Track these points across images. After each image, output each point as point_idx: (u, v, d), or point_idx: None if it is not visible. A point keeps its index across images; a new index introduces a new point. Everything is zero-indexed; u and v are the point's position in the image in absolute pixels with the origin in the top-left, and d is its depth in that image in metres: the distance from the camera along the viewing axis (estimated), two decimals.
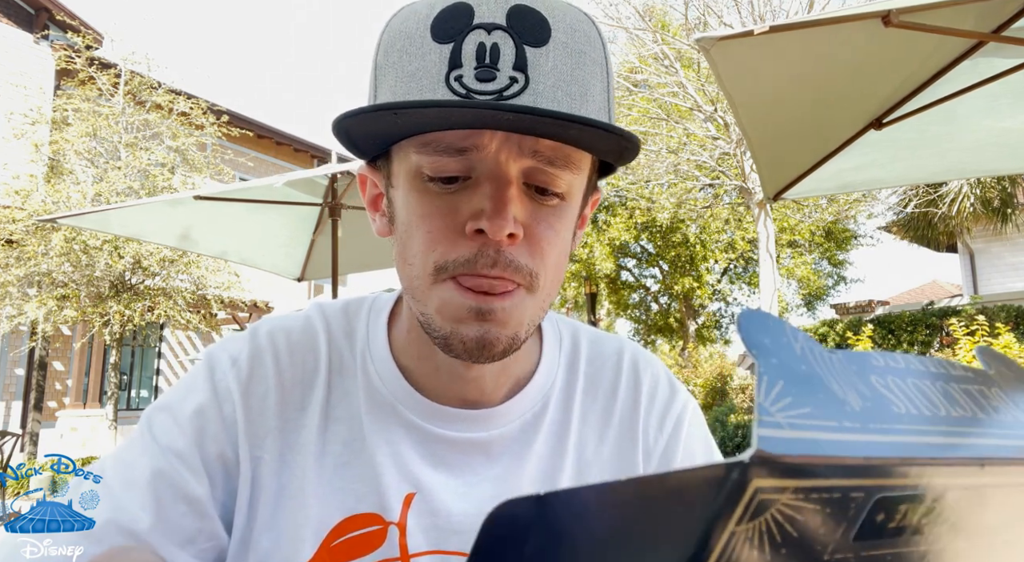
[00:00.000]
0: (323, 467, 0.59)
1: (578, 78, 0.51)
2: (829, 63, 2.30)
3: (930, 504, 0.25)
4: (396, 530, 0.57)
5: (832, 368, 0.24)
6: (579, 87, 0.51)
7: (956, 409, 0.28)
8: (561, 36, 0.51)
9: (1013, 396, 0.33)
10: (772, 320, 0.24)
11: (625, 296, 17.52)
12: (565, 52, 0.51)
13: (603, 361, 0.69)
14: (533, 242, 0.52)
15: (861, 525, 0.23)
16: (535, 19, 0.50)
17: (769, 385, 0.21)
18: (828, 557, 0.23)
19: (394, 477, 0.58)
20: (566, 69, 0.50)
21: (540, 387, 0.64)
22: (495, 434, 0.61)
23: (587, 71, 0.52)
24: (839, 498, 0.22)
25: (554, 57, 0.50)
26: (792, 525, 0.21)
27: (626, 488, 0.21)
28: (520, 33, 0.50)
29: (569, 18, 0.52)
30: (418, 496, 0.58)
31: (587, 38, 0.53)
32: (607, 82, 0.54)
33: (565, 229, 0.55)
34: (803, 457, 0.20)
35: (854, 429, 0.22)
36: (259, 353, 0.62)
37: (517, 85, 0.49)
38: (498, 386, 0.62)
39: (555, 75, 0.50)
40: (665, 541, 0.20)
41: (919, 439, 0.24)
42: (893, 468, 0.23)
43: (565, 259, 0.56)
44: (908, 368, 0.28)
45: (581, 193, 0.57)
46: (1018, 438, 0.29)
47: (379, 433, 0.60)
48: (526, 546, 0.22)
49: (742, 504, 0.19)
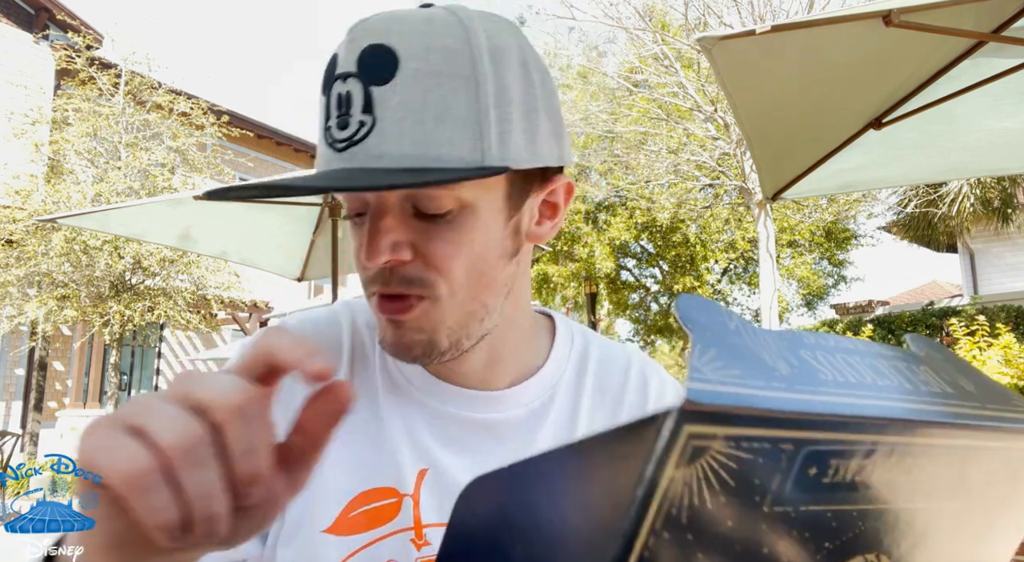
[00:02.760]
0: (344, 443, 0.62)
1: (432, 102, 0.51)
2: (829, 63, 2.30)
3: (860, 461, 0.27)
4: (411, 502, 0.61)
5: (764, 342, 0.26)
6: (434, 111, 0.51)
7: (882, 379, 0.30)
8: (412, 64, 0.51)
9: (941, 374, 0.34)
10: (708, 303, 0.26)
11: (625, 296, 17.52)
12: (415, 79, 0.51)
13: (612, 365, 0.72)
14: (427, 258, 0.55)
15: (796, 478, 0.25)
16: (382, 57, 0.51)
17: (702, 351, 0.23)
18: (768, 509, 0.24)
19: (408, 453, 0.62)
20: (417, 97, 0.51)
21: (548, 379, 0.68)
22: (501, 417, 0.64)
23: (446, 90, 0.51)
24: (769, 448, 0.23)
25: (402, 89, 0.51)
26: (728, 473, 0.22)
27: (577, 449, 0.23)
28: (367, 75, 0.52)
29: (428, 39, 0.52)
30: (430, 471, 0.62)
31: (448, 55, 0.52)
32: (476, 92, 0.52)
33: (471, 238, 0.56)
34: (731, 406, 0.21)
35: (781, 388, 0.24)
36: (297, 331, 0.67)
37: (364, 128, 0.51)
38: (495, 376, 0.65)
39: (403, 108, 0.51)
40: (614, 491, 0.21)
41: (844, 399, 0.26)
42: (819, 421, 0.24)
43: (487, 264, 0.57)
44: (837, 346, 0.30)
45: (496, 196, 0.57)
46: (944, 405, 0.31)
47: (395, 413, 0.64)
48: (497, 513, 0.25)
49: (677, 449, 0.21)
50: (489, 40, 0.54)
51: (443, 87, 0.51)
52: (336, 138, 0.53)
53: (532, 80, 0.56)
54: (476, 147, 0.52)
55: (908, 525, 0.31)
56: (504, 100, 0.54)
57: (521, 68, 0.56)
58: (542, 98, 0.57)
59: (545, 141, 0.57)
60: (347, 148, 0.52)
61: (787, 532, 0.26)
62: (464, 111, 0.52)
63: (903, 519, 0.31)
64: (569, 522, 0.23)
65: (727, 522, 0.23)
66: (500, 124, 0.53)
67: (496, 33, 0.55)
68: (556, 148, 0.59)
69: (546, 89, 0.58)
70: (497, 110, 0.53)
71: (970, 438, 0.32)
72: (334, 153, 0.53)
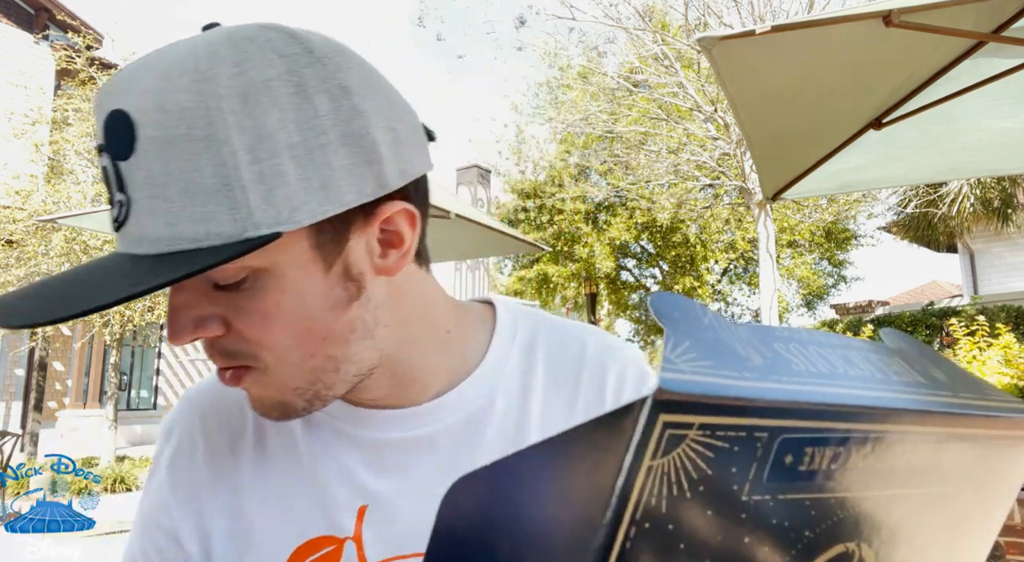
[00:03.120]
0: (266, 502, 0.59)
1: (175, 174, 0.44)
2: (829, 63, 2.30)
3: (835, 449, 0.27)
4: (353, 545, 0.58)
5: (737, 336, 0.27)
6: (179, 185, 0.44)
7: (854, 370, 0.30)
8: (150, 131, 0.44)
9: (914, 365, 0.35)
10: (682, 299, 0.26)
11: (625, 296, 17.52)
12: (155, 151, 0.44)
13: (564, 350, 0.66)
14: (240, 329, 0.50)
15: (772, 466, 0.25)
16: (121, 125, 0.45)
17: (675, 344, 0.23)
18: (746, 497, 0.25)
19: (343, 493, 0.59)
20: (159, 172, 0.44)
21: (485, 377, 0.63)
22: (438, 428, 0.60)
23: (186, 157, 0.44)
24: (744, 437, 0.24)
25: (145, 163, 0.44)
26: (705, 462, 0.23)
27: (555, 443, 0.23)
28: (111, 149, 0.45)
29: (161, 96, 0.44)
30: (370, 507, 0.58)
31: (181, 114, 0.43)
32: (220, 153, 0.44)
33: (277, 301, 0.50)
34: (704, 395, 0.22)
35: (754, 378, 0.24)
36: (184, 415, 0.66)
37: (124, 208, 0.46)
38: (413, 393, 0.61)
39: (149, 185, 0.44)
40: (594, 483, 0.22)
41: (816, 388, 0.26)
42: (792, 409, 0.25)
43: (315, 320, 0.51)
44: (810, 338, 0.30)
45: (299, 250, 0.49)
46: (916, 394, 0.32)
47: (321, 453, 0.60)
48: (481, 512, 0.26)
49: (654, 439, 0.21)
50: (238, 79, 0.44)
51: (183, 154, 0.44)
52: (112, 217, 0.48)
53: (315, 108, 0.46)
54: (235, 217, 0.44)
55: (886, 513, 0.32)
56: (265, 151, 0.44)
57: (295, 97, 0.46)
58: (336, 126, 0.47)
59: (345, 179, 0.47)
60: (119, 229, 0.47)
61: (767, 521, 0.26)
62: (212, 179, 0.44)
63: (881, 507, 0.31)
64: (552, 516, 0.24)
65: (707, 511, 0.24)
66: (262, 182, 0.44)
67: (252, 65, 0.45)
68: (369, 179, 0.49)
69: (342, 112, 0.47)
70: (256, 166, 0.44)
71: (943, 426, 0.32)
72: (116, 233, 0.48)
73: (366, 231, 0.52)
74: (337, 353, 0.53)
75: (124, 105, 0.45)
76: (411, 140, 0.53)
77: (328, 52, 0.49)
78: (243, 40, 0.46)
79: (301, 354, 0.52)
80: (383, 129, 0.50)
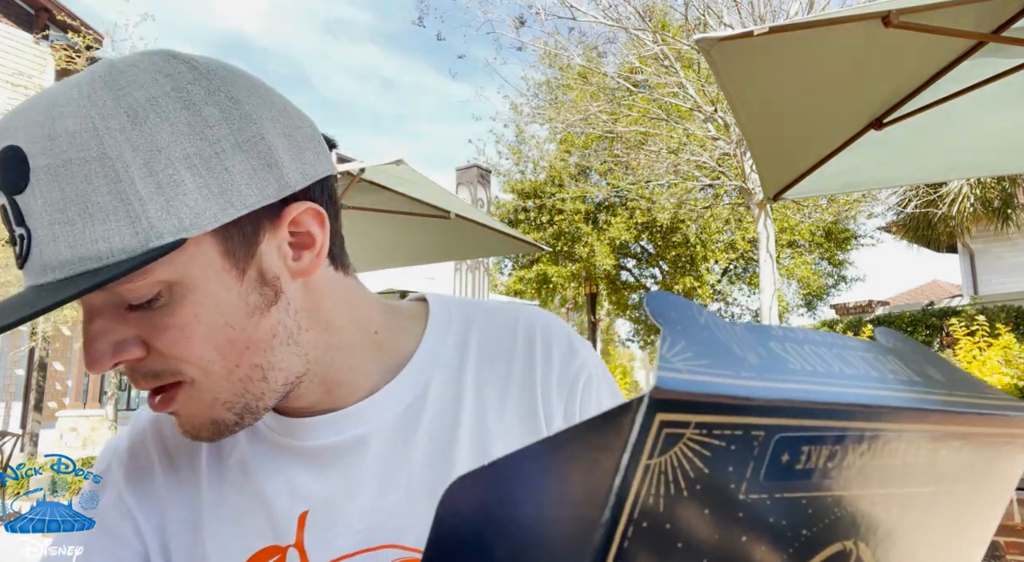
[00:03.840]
0: (221, 517, 0.61)
1: (71, 197, 0.45)
2: (829, 63, 2.30)
3: (831, 447, 0.27)
4: (295, 552, 0.58)
5: (734, 335, 0.27)
6: (76, 207, 0.45)
7: (850, 368, 0.30)
8: (42, 160, 0.45)
9: (909, 363, 0.35)
10: (678, 299, 0.27)
11: (625, 296, 17.53)
12: (49, 178, 0.45)
13: (498, 331, 0.67)
14: (159, 347, 0.50)
15: (769, 465, 0.25)
16: (13, 159, 0.45)
17: (672, 344, 0.23)
18: (743, 496, 0.25)
19: (285, 501, 0.60)
20: (56, 198, 0.45)
21: (418, 370, 0.64)
22: (372, 428, 0.61)
23: (79, 179, 0.45)
24: (741, 435, 0.24)
25: (40, 192, 0.45)
26: (702, 460, 0.23)
27: (553, 442, 0.23)
28: (5, 186, 0.46)
29: (49, 125, 0.45)
30: (311, 512, 0.59)
31: (71, 138, 0.45)
32: (114, 171, 0.45)
33: (195, 314, 0.50)
34: (701, 394, 0.22)
35: (750, 377, 0.24)
36: (139, 431, 0.66)
37: (25, 241, 0.46)
38: (342, 397, 0.62)
39: (48, 213, 0.45)
40: (592, 482, 0.22)
41: (812, 386, 0.27)
42: (789, 408, 0.25)
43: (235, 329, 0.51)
44: (806, 338, 0.30)
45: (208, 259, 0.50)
46: (911, 392, 0.32)
47: (264, 464, 0.62)
48: (479, 513, 0.26)
49: (651, 437, 0.21)
50: (124, 99, 0.46)
51: (76, 177, 0.45)
52: (15, 254, 0.48)
53: (205, 119, 0.48)
54: (137, 230, 0.45)
55: (883, 512, 0.32)
56: (159, 163, 0.46)
57: (183, 112, 0.47)
58: (229, 134, 0.49)
59: (245, 182, 0.49)
60: (22, 265, 0.47)
61: (764, 519, 0.26)
62: (108, 196, 0.45)
63: (878, 506, 0.31)
64: (550, 516, 0.24)
65: (704, 510, 0.24)
66: (160, 194, 0.46)
67: (136, 86, 0.47)
68: (270, 182, 0.50)
69: (234, 122, 0.49)
70: (152, 178, 0.46)
71: (939, 424, 0.32)
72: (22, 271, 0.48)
73: (276, 234, 0.53)
74: (262, 361, 0.54)
75: (14, 140, 0.46)
76: (310, 145, 0.55)
77: (213, 68, 0.51)
78: (126, 66, 0.48)
79: (226, 365, 0.52)
80: (279, 135, 0.52)
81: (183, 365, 0.51)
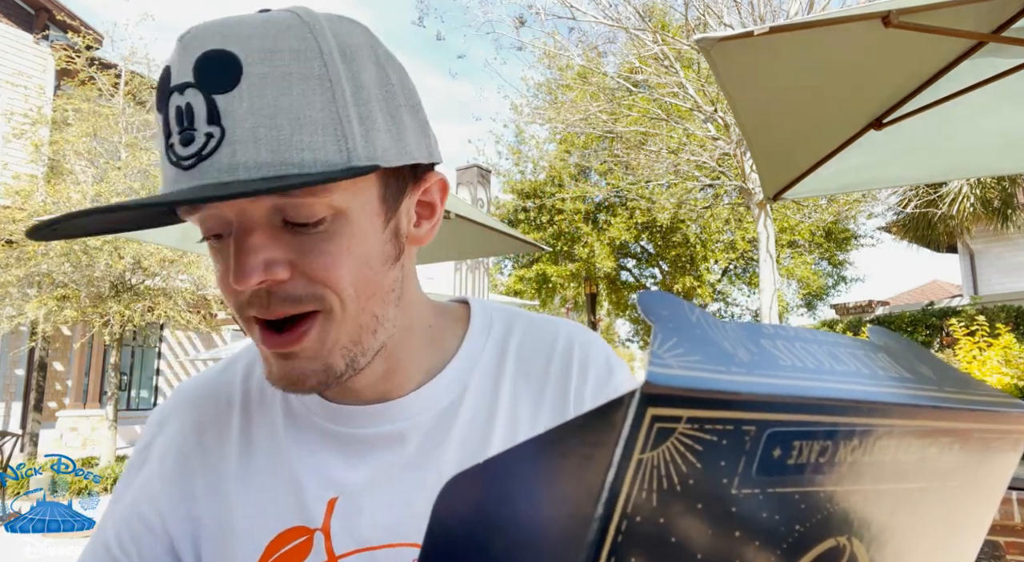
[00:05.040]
0: (248, 491, 0.62)
1: (284, 106, 0.48)
2: (829, 63, 2.30)
3: (823, 442, 0.27)
4: (321, 536, 0.60)
5: (725, 332, 0.27)
6: (287, 115, 0.48)
7: (840, 365, 0.31)
8: (257, 68, 0.48)
9: (899, 360, 0.35)
10: (670, 297, 0.27)
11: (625, 296, 17.52)
12: (263, 84, 0.47)
13: (537, 344, 0.69)
14: (308, 272, 0.52)
15: (760, 459, 0.25)
16: (222, 62, 0.48)
17: (663, 340, 0.23)
18: (736, 491, 0.25)
19: (315, 486, 0.61)
20: (267, 102, 0.47)
21: (457, 374, 0.65)
22: (409, 424, 0.62)
23: (298, 92, 0.48)
24: (732, 430, 0.24)
25: (250, 95, 0.47)
26: (694, 455, 0.23)
27: (547, 438, 0.24)
28: (207, 84, 0.48)
29: (270, 41, 0.49)
30: (340, 499, 0.61)
31: (295, 55, 0.49)
32: (332, 92, 0.49)
33: (348, 245, 0.53)
34: (692, 390, 0.22)
35: (741, 373, 0.25)
36: (177, 407, 0.68)
37: (213, 140, 0.47)
38: (394, 385, 0.63)
39: (254, 115, 0.47)
40: (586, 477, 0.22)
41: (803, 382, 0.27)
42: (779, 403, 0.25)
43: (372, 271, 0.55)
44: (796, 335, 0.31)
45: (370, 199, 0.54)
46: (901, 389, 0.32)
47: (299, 446, 0.63)
48: (475, 510, 0.26)
49: (643, 432, 0.21)
50: (337, 39, 0.51)
51: (295, 90, 0.48)
52: (181, 155, 0.48)
53: (389, 78, 0.54)
54: (341, 148, 0.49)
55: (876, 507, 0.32)
56: (362, 98, 0.51)
57: (375, 66, 0.53)
58: (403, 95, 0.55)
59: (412, 138, 0.55)
60: (196, 164, 0.48)
61: (757, 515, 0.26)
62: (321, 112, 0.49)
63: (871, 501, 0.31)
64: (545, 512, 0.24)
65: (697, 505, 0.24)
66: (362, 122, 0.51)
67: (344, 32, 0.52)
68: (424, 145, 0.57)
69: (405, 87, 0.56)
70: (357, 108, 0.50)
71: (929, 420, 0.32)
72: (181, 172, 0.48)
73: (412, 196, 0.59)
74: (380, 312, 0.57)
75: (223, 45, 0.48)
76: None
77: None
78: (333, 17, 0.54)
79: (358, 304, 0.54)
80: (425, 113, 0.59)
81: (327, 292, 0.53)
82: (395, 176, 0.56)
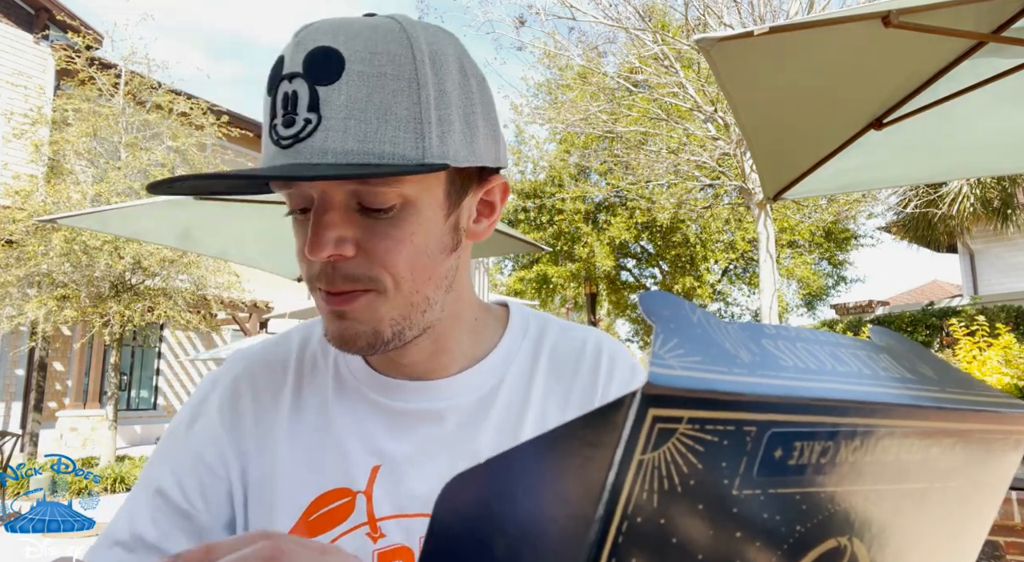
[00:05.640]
0: (295, 451, 0.66)
1: (376, 102, 0.54)
2: (829, 63, 2.30)
3: (824, 443, 0.27)
4: (363, 498, 0.64)
5: (726, 333, 0.27)
6: (377, 110, 0.54)
7: (842, 366, 0.30)
8: (357, 66, 0.54)
9: (901, 361, 0.35)
10: (671, 297, 0.27)
11: (625, 296, 17.52)
12: (360, 80, 0.54)
13: (568, 347, 0.74)
14: (371, 253, 0.58)
15: (762, 460, 0.25)
16: (329, 58, 0.54)
17: (665, 340, 0.23)
18: (737, 491, 0.25)
19: (361, 452, 0.66)
20: (361, 97, 0.54)
21: (496, 365, 0.71)
22: (450, 404, 0.67)
23: (389, 91, 0.54)
24: (734, 430, 0.24)
25: (348, 89, 0.54)
26: (695, 456, 0.23)
27: (549, 438, 0.24)
28: (313, 76, 0.54)
29: (372, 43, 0.55)
30: (383, 467, 0.65)
31: (391, 58, 0.55)
32: (418, 94, 0.55)
33: (412, 233, 0.59)
34: (693, 390, 0.22)
35: (742, 373, 0.24)
36: (233, 367, 0.73)
37: (311, 125, 0.54)
38: (440, 365, 0.68)
39: (348, 107, 0.54)
40: (587, 478, 0.22)
41: (805, 383, 0.27)
42: (781, 404, 0.25)
43: (429, 258, 0.60)
44: (798, 335, 0.31)
45: (436, 193, 0.60)
46: (903, 389, 0.32)
47: (346, 414, 0.68)
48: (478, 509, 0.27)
49: (644, 433, 0.21)
50: (430, 47, 0.57)
51: (386, 88, 0.54)
52: (282, 135, 0.55)
53: (470, 86, 0.60)
54: (417, 145, 0.55)
55: (877, 508, 0.32)
56: (444, 102, 0.57)
57: (460, 74, 0.59)
58: (480, 103, 0.61)
59: (483, 143, 0.61)
60: (292, 144, 0.54)
61: (758, 515, 0.26)
62: (406, 111, 0.55)
63: (872, 502, 0.31)
64: (547, 512, 0.24)
65: (698, 506, 0.24)
66: (440, 124, 0.56)
67: (437, 41, 0.58)
68: (493, 150, 0.63)
69: (484, 96, 0.62)
70: (437, 111, 0.56)
71: (931, 420, 0.32)
72: (279, 150, 0.55)
73: (475, 195, 0.64)
74: (432, 295, 0.62)
75: (332, 44, 0.55)
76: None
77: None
78: (428, 26, 0.60)
79: (410, 287, 0.60)
80: (498, 120, 0.65)
81: (383, 274, 0.58)
82: (462, 175, 0.62)
